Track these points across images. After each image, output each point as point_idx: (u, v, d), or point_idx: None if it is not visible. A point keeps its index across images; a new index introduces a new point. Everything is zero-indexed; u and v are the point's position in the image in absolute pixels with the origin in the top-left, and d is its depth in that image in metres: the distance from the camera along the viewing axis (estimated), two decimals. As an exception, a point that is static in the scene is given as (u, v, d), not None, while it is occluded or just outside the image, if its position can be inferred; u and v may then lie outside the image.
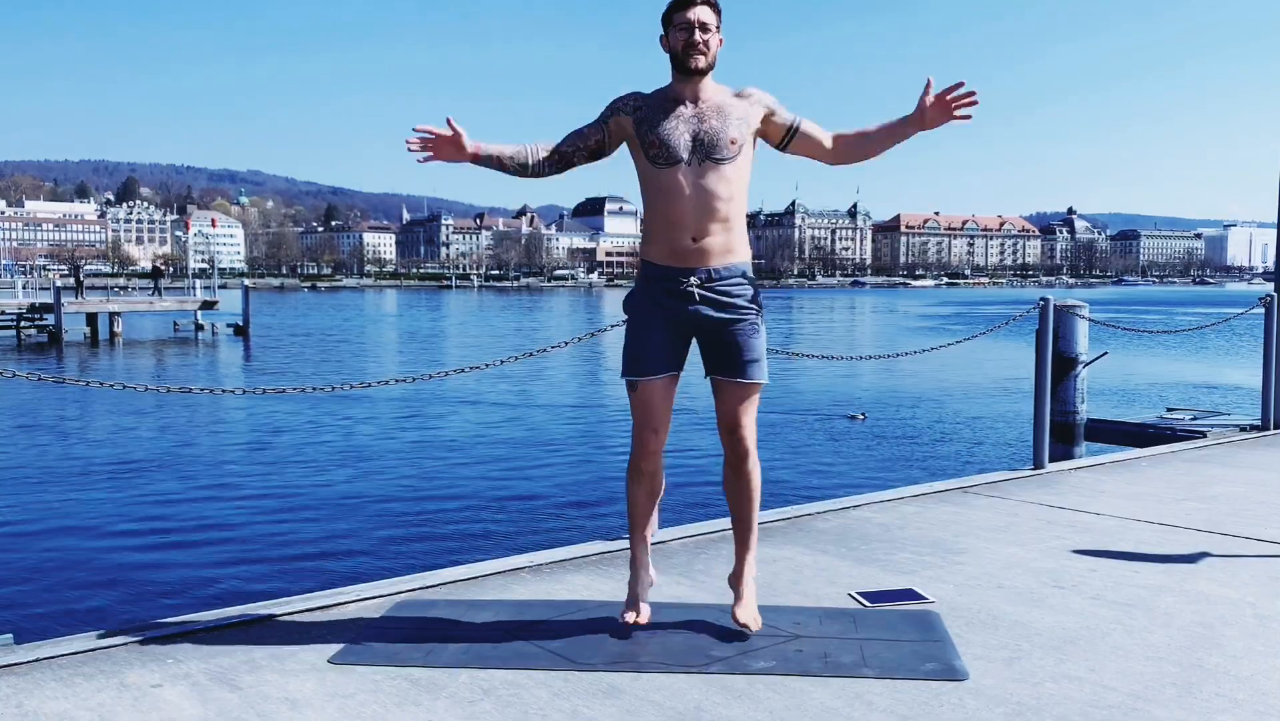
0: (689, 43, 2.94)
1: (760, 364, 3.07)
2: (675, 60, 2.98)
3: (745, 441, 3.07)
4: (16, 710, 2.58)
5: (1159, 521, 4.76)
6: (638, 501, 3.18)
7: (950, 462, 13.42)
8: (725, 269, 3.00)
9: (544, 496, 11.25)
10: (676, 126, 2.96)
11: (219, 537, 9.44)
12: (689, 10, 2.94)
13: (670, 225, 2.98)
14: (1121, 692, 2.71)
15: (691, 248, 2.97)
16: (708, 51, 2.95)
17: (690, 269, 2.99)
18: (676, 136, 2.95)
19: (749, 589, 3.16)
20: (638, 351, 3.05)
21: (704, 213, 2.96)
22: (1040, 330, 6.24)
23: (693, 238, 2.97)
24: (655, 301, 3.04)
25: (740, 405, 3.05)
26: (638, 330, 3.07)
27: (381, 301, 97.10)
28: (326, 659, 2.93)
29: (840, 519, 4.76)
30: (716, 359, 3.06)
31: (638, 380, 3.05)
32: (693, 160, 2.94)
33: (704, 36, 2.94)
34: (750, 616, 3.09)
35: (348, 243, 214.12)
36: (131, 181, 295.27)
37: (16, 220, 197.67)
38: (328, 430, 16.05)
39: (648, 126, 2.98)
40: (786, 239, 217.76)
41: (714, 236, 2.97)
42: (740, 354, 3.03)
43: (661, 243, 3.01)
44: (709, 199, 2.95)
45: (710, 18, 2.96)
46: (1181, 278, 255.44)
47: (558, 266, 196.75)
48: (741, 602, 3.13)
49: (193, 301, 42.48)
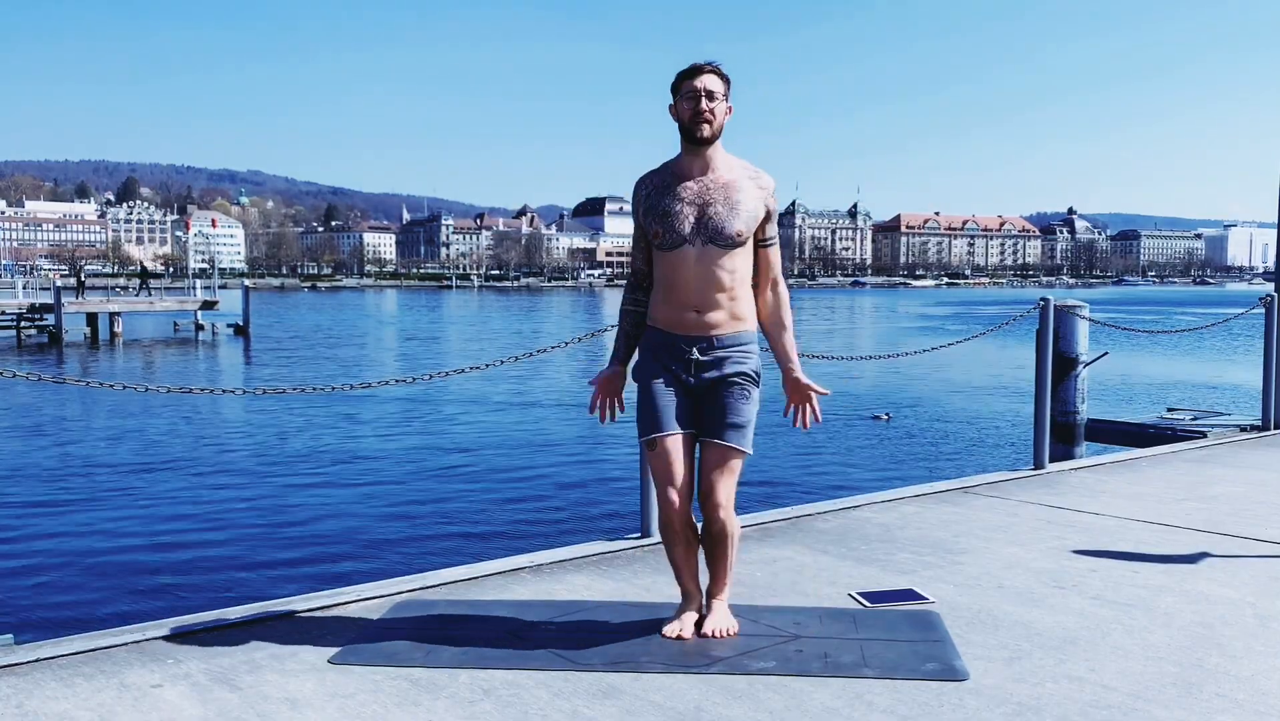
0: (695, 112, 2.95)
1: (745, 431, 3.05)
2: (683, 129, 3.00)
3: (719, 509, 3.03)
4: (17, 710, 2.58)
5: (1159, 521, 4.75)
6: (675, 555, 3.15)
7: (950, 462, 13.41)
8: (729, 337, 3.03)
9: (544, 496, 11.25)
10: (681, 209, 2.99)
11: (219, 537, 9.44)
12: (696, 79, 2.97)
13: (674, 301, 3.03)
14: (1122, 692, 2.71)
15: (695, 319, 3.02)
16: (714, 120, 2.97)
17: (694, 338, 3.02)
18: (681, 220, 2.98)
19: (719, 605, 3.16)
20: (652, 409, 3.06)
21: (707, 288, 3.00)
22: (1040, 330, 6.24)
23: (696, 310, 3.01)
24: (663, 364, 3.07)
25: (718, 469, 3.02)
26: (649, 390, 3.07)
27: (381, 301, 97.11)
28: (326, 659, 2.93)
29: (840, 519, 4.76)
30: (704, 419, 3.06)
31: (656, 436, 3.04)
32: (696, 241, 2.98)
33: (710, 105, 2.95)
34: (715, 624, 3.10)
35: (348, 243, 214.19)
36: (131, 181, 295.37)
37: (16, 220, 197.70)
38: (328, 430, 16.06)
39: (654, 214, 3.02)
40: (787, 239, 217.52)
41: (718, 308, 3.01)
42: (724, 415, 3.03)
43: (666, 313, 3.06)
44: (713, 276, 2.99)
45: (718, 86, 2.98)
46: (1182, 278, 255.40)
47: (558, 266, 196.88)
48: (711, 614, 3.13)
49: (193, 301, 42.50)
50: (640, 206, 3.09)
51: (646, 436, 3.07)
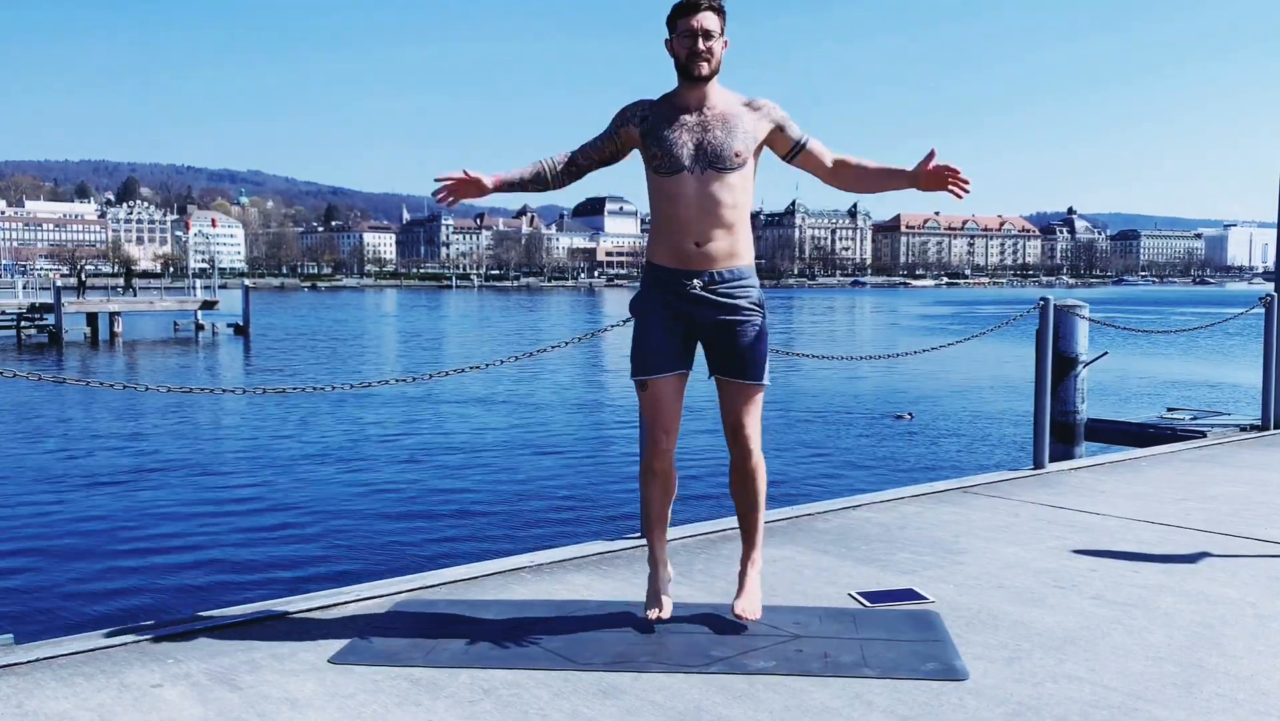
0: (692, 50, 2.95)
1: (760, 365, 3.10)
2: (679, 67, 2.99)
3: (749, 442, 3.11)
4: (17, 710, 2.58)
5: (1159, 521, 4.75)
6: (652, 500, 3.22)
7: (950, 463, 13.42)
8: (729, 271, 3.03)
9: (544, 496, 11.25)
10: (680, 136, 2.98)
11: (219, 537, 9.44)
12: (692, 17, 2.95)
13: (674, 230, 3.01)
14: (1122, 692, 2.71)
15: (695, 251, 3.00)
16: (711, 58, 2.96)
17: (694, 271, 3.02)
18: (680, 146, 2.97)
19: (752, 580, 3.19)
20: (646, 351, 3.08)
21: (707, 218, 2.98)
22: (1040, 330, 6.24)
23: (696, 242, 3.00)
24: (661, 302, 3.07)
25: (743, 406, 3.09)
26: (645, 330, 3.09)
27: (381, 301, 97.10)
28: (327, 659, 2.93)
29: (840, 519, 4.76)
30: (719, 360, 3.09)
31: (647, 378, 3.08)
32: (695, 168, 2.97)
33: (707, 44, 2.95)
34: (744, 607, 3.13)
35: (348, 243, 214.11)
36: (131, 181, 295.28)
37: (16, 220, 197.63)
38: (328, 430, 16.05)
39: (653, 137, 3.01)
40: (786, 239, 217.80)
41: (717, 241, 3.00)
42: (742, 354, 3.07)
43: (666, 246, 3.05)
44: (712, 205, 2.98)
45: (714, 24, 2.96)
46: (1182, 278, 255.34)
47: (558, 266, 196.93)
48: (742, 593, 3.17)
49: (193, 301, 42.51)
50: (634, 125, 3.05)
51: (639, 377, 3.09)
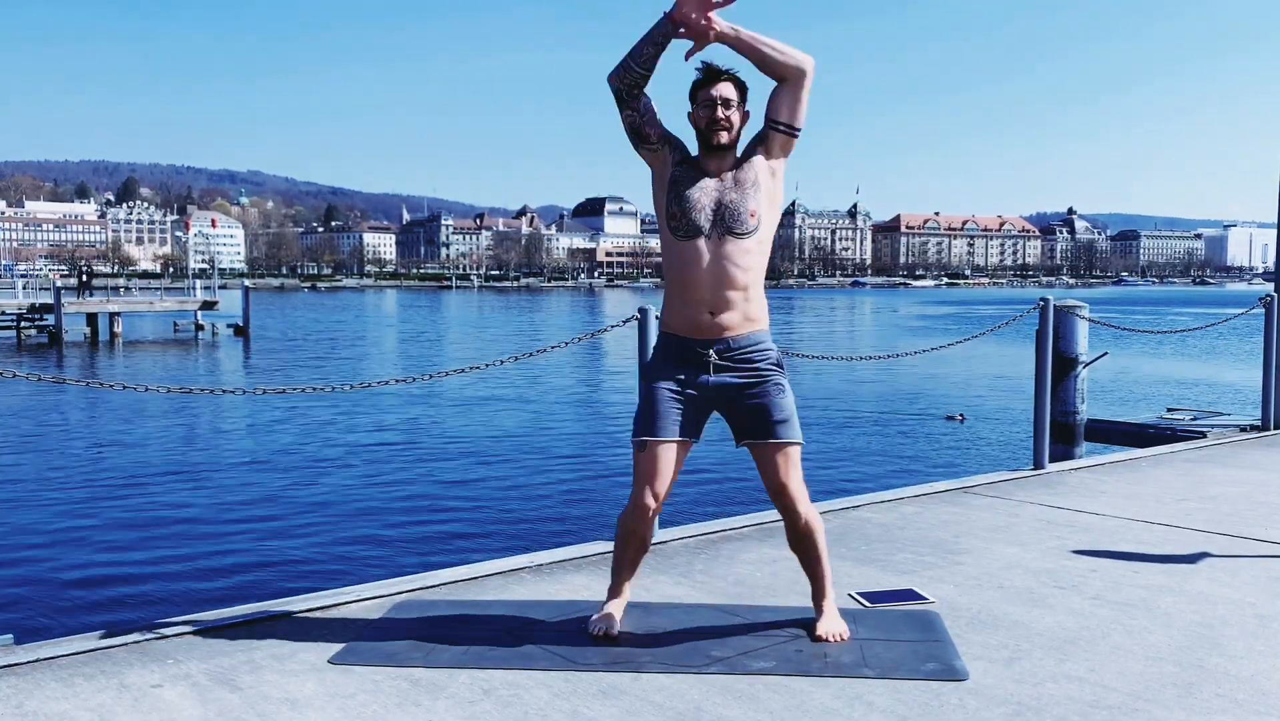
0: (712, 120, 2.97)
1: (791, 423, 3.05)
2: (700, 136, 3.02)
3: (796, 503, 3.06)
4: (17, 710, 2.58)
5: (1159, 521, 4.75)
6: (625, 557, 3.19)
7: (950, 462, 13.42)
8: (745, 337, 3.02)
9: (544, 496, 11.25)
10: (699, 200, 2.98)
11: (219, 538, 9.44)
12: (712, 87, 2.98)
13: (688, 299, 3.01)
14: (1121, 692, 2.71)
15: (709, 321, 3.00)
16: (730, 128, 2.99)
17: (709, 341, 3.01)
18: (698, 211, 2.97)
19: (829, 609, 3.17)
20: (652, 414, 3.05)
21: (723, 285, 2.97)
22: (1040, 330, 6.24)
23: (710, 311, 2.99)
24: (675, 370, 3.05)
25: (780, 467, 3.03)
26: (654, 395, 3.06)
27: (381, 301, 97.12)
28: (327, 659, 2.93)
29: (840, 519, 4.76)
30: (745, 424, 3.06)
31: (649, 440, 3.04)
32: (713, 234, 2.97)
33: (726, 113, 2.97)
34: (827, 629, 3.10)
35: (348, 243, 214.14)
36: (131, 181, 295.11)
37: (16, 220, 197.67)
38: (328, 430, 16.05)
39: (674, 195, 3.01)
40: (786, 239, 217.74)
41: (732, 308, 2.99)
42: (769, 415, 3.03)
43: (680, 315, 3.04)
44: (727, 272, 2.97)
45: (733, 94, 2.99)
46: (1181, 278, 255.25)
47: (558, 267, 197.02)
48: (822, 616, 3.15)
49: (193, 302, 42.50)
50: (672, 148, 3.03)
51: (640, 439, 3.06)
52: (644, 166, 3.11)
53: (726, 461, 12.53)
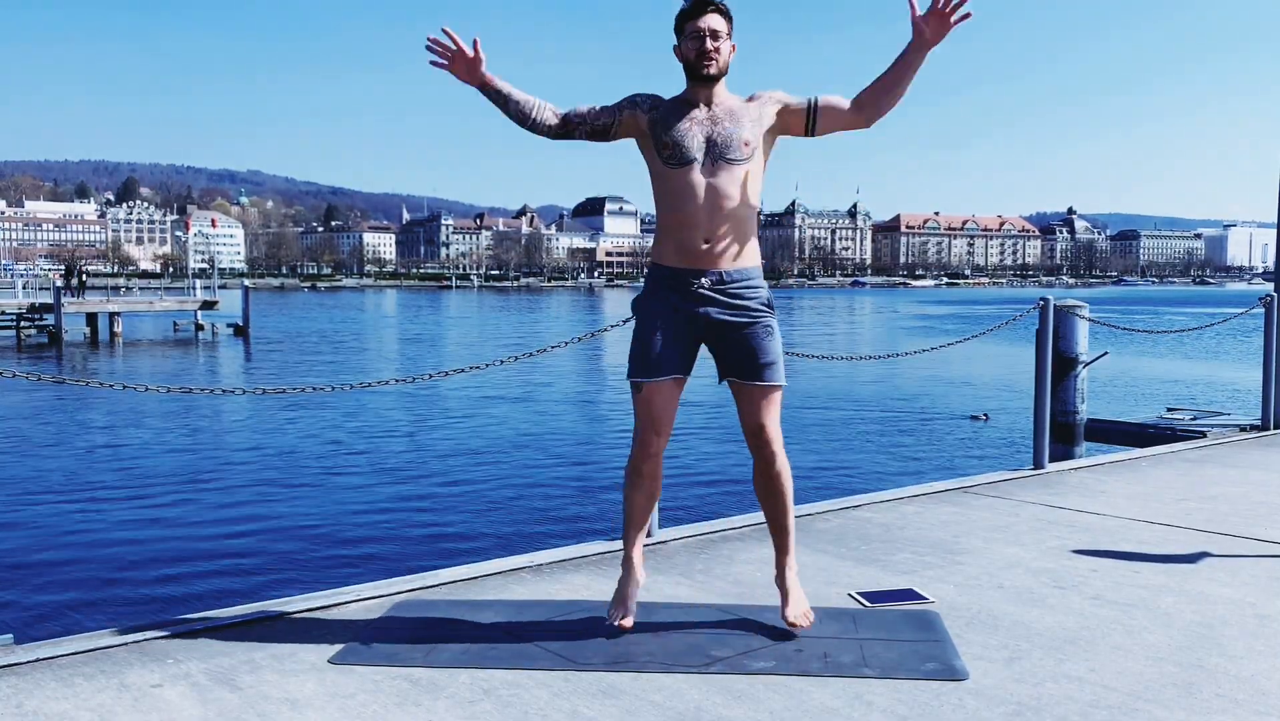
0: (700, 51, 2.96)
1: (777, 366, 3.06)
2: (688, 68, 3.01)
3: (771, 444, 3.06)
4: (16, 710, 2.58)
5: (1159, 521, 4.75)
6: (635, 503, 3.17)
7: (950, 462, 13.42)
8: (737, 271, 3.00)
9: (544, 496, 11.25)
10: (690, 128, 2.97)
11: (219, 537, 9.44)
12: (700, 19, 2.97)
13: (682, 226, 2.98)
14: (1121, 692, 2.71)
15: (703, 249, 2.97)
16: (719, 58, 2.97)
17: (701, 270, 2.99)
18: (690, 137, 2.96)
19: (794, 588, 3.16)
20: (645, 353, 3.04)
21: (716, 213, 2.96)
22: (1040, 330, 6.24)
23: (704, 239, 2.97)
24: (665, 303, 3.03)
25: (762, 408, 3.04)
26: (646, 331, 3.06)
27: (381, 301, 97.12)
28: (327, 659, 2.93)
29: (840, 519, 4.76)
30: (731, 363, 3.05)
31: (643, 381, 3.04)
32: (706, 160, 2.95)
33: (715, 44, 2.96)
34: (795, 613, 3.11)
35: (348, 243, 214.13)
36: (131, 181, 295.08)
37: (16, 220, 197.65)
38: (328, 430, 16.05)
39: (662, 127, 3.00)
40: (786, 239, 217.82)
41: (726, 238, 2.97)
42: (756, 357, 3.03)
43: (673, 244, 3.01)
44: (722, 199, 2.95)
45: (721, 25, 2.98)
46: (1181, 278, 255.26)
47: (558, 267, 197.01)
48: (788, 601, 3.14)
49: (193, 301, 42.51)
50: (640, 106, 3.04)
51: (636, 379, 3.05)
52: (643, 166, 3.09)
53: (726, 462, 12.53)
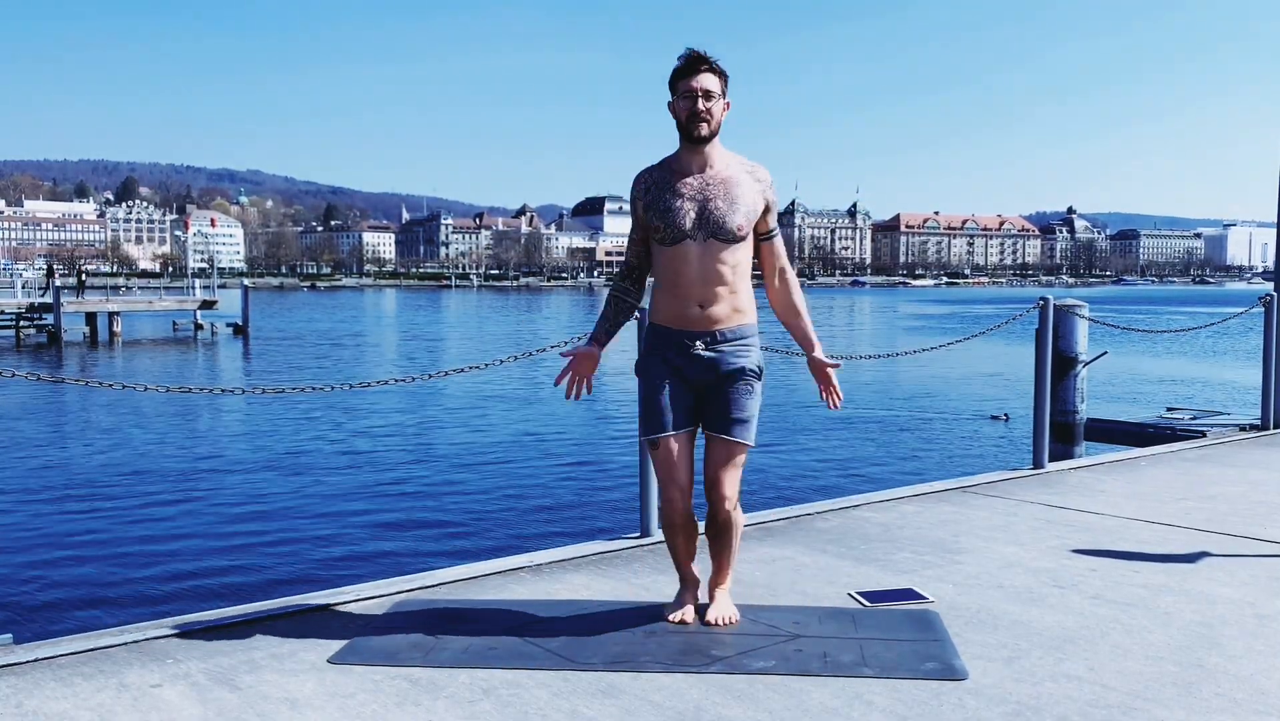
0: (692, 112, 2.97)
1: (749, 425, 3.11)
2: (680, 128, 3.02)
3: (725, 501, 3.13)
4: (16, 710, 2.58)
5: (1159, 521, 4.76)
6: (678, 547, 3.28)
7: (950, 462, 13.42)
8: (731, 331, 3.07)
9: (544, 496, 11.25)
10: (682, 206, 3.01)
11: (219, 537, 9.44)
12: (692, 78, 2.97)
13: (677, 295, 3.07)
14: (1121, 692, 2.71)
15: (698, 314, 3.05)
16: (711, 120, 2.99)
17: (696, 333, 3.06)
18: (682, 216, 3.00)
19: (721, 596, 3.27)
20: (654, 409, 3.10)
21: (709, 282, 3.03)
22: (1040, 330, 6.24)
23: (699, 305, 3.05)
24: (665, 361, 3.10)
25: (725, 462, 3.10)
26: (652, 390, 3.11)
27: (381, 301, 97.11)
28: (326, 659, 2.93)
29: (840, 518, 4.76)
30: (709, 415, 3.12)
31: (658, 436, 3.09)
32: (698, 235, 3.00)
33: (707, 105, 2.97)
34: (718, 613, 3.20)
35: (347, 242, 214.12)
36: (131, 181, 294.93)
37: (16, 220, 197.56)
38: (327, 430, 16.05)
39: (654, 210, 3.04)
40: (786, 238, 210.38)
41: (720, 302, 3.05)
42: (729, 411, 3.09)
43: (669, 309, 3.10)
44: (715, 270, 3.03)
45: (714, 85, 2.99)
46: (1181, 277, 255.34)
47: (558, 266, 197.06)
48: (713, 603, 3.25)
49: (192, 301, 42.54)
50: (640, 201, 3.11)
51: (649, 436, 3.11)
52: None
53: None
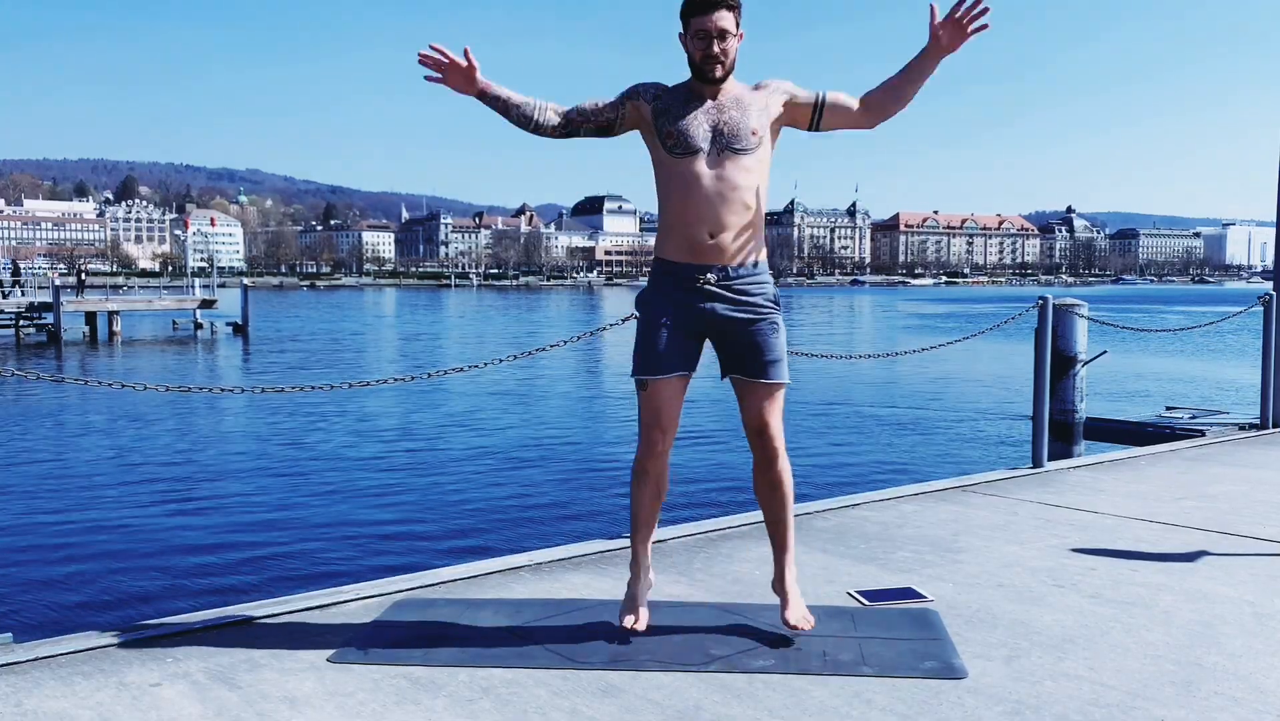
0: (707, 53, 2.86)
1: (782, 363, 2.99)
2: (693, 66, 2.91)
3: (773, 442, 2.99)
4: (16, 709, 2.58)
5: (1158, 520, 4.76)
6: (642, 502, 3.11)
7: (950, 462, 13.42)
8: (743, 267, 2.93)
9: (543, 496, 11.25)
10: (695, 117, 2.89)
11: (219, 537, 9.44)
12: (708, 16, 2.85)
13: (687, 219, 2.90)
14: (1120, 691, 2.71)
15: (709, 244, 2.89)
16: (725, 60, 2.88)
17: (707, 265, 2.91)
18: (695, 126, 2.88)
19: (793, 591, 3.11)
20: (649, 350, 2.97)
21: (723, 205, 2.87)
22: (1039, 329, 6.24)
23: (710, 233, 2.88)
24: (669, 299, 2.96)
25: (765, 406, 2.97)
26: (650, 328, 2.98)
27: (380, 300, 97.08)
28: (326, 658, 2.93)
29: (839, 517, 4.76)
30: (735, 359, 2.98)
31: (648, 379, 2.97)
32: (712, 150, 2.87)
33: (722, 46, 2.86)
34: (795, 616, 3.04)
35: (346, 241, 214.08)
36: (130, 180, 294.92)
37: (15, 219, 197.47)
38: (327, 429, 16.05)
39: (665, 118, 2.92)
40: (785, 238, 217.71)
41: (732, 232, 2.89)
42: (761, 354, 2.95)
43: (677, 238, 2.93)
44: (728, 190, 2.87)
45: (729, 23, 2.86)
46: (1180, 276, 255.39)
47: (557, 265, 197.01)
48: (788, 604, 3.08)
49: (192, 300, 42.49)
50: (644, 95, 2.97)
51: (640, 377, 2.99)
52: (642, 165, 3.05)
53: (725, 460, 12.54)
